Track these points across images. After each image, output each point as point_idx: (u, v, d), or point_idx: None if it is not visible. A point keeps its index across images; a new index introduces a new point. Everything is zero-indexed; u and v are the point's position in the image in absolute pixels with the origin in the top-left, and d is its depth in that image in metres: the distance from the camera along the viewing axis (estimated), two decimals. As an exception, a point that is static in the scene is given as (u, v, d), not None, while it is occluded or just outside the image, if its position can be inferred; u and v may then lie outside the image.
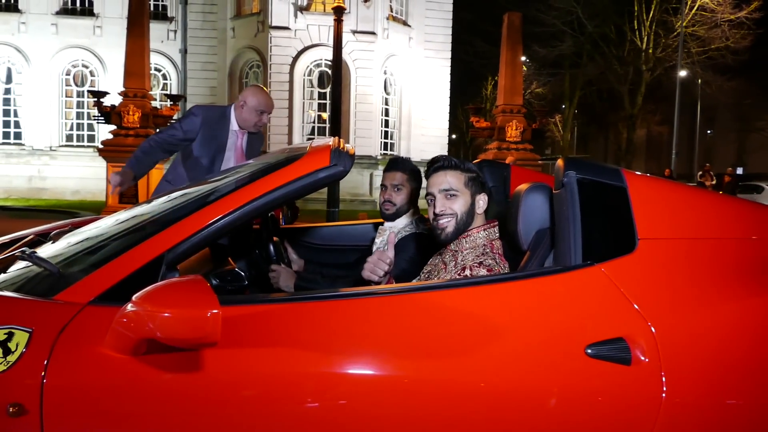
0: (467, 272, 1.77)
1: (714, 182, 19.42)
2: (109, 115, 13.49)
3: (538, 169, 16.50)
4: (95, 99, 13.46)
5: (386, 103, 23.74)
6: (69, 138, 23.57)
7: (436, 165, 1.95)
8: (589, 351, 1.41)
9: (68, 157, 22.72)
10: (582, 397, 1.41)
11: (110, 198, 12.30)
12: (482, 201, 1.92)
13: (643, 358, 1.41)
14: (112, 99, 13.88)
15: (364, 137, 22.42)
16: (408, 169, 2.61)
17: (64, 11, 23.36)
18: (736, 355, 1.45)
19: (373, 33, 22.39)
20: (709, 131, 45.85)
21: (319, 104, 22.69)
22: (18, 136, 23.31)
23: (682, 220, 1.67)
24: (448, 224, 1.89)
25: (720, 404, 1.43)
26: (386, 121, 23.77)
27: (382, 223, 2.73)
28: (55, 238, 2.12)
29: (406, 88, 24.13)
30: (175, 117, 14.05)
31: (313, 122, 22.69)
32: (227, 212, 1.57)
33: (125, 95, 13.52)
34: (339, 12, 11.64)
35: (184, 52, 24.02)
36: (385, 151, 23.42)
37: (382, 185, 2.65)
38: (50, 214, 13.90)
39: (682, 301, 1.50)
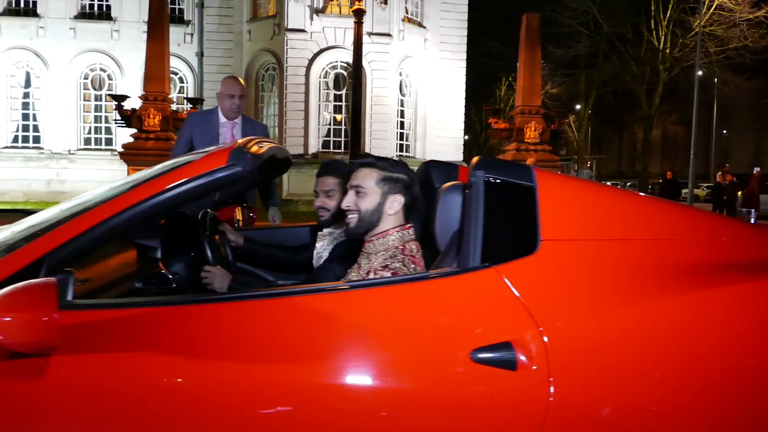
0: (371, 275, 1.73)
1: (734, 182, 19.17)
2: (129, 118, 13.61)
3: (557, 171, 16.43)
4: (116, 103, 13.58)
5: (401, 105, 23.73)
6: (87, 141, 23.77)
7: (356, 161, 1.94)
8: (475, 356, 1.38)
9: (86, 161, 22.92)
10: (465, 402, 1.38)
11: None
12: (396, 202, 1.86)
13: (529, 363, 1.38)
14: (131, 103, 13.99)
15: (379, 139, 22.43)
16: (340, 172, 2.53)
17: (82, 15, 23.58)
18: (631, 358, 1.42)
19: (388, 35, 22.40)
20: (724, 131, 45.48)
21: (334, 106, 22.72)
22: (37, 140, 23.55)
23: (590, 220, 1.63)
24: (351, 220, 1.87)
25: (612, 409, 1.39)
26: (401, 123, 23.76)
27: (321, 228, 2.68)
28: None
29: (421, 90, 24.11)
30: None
31: (329, 124, 22.72)
32: (115, 213, 1.55)
33: (145, 99, 13.63)
34: (359, 14, 11.64)
35: (200, 55, 24.16)
36: (401, 153, 23.41)
37: (315, 191, 2.61)
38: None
39: (579, 304, 1.46)
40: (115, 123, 13.95)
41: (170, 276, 2.08)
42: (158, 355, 1.39)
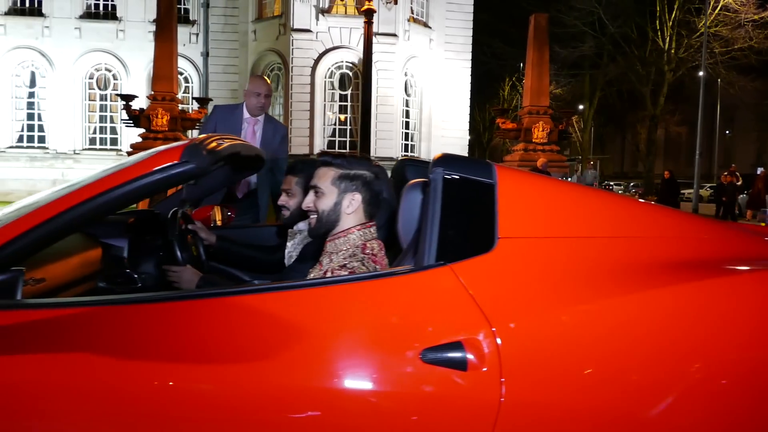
0: (329, 274, 1.70)
1: (740, 183, 19.15)
2: (137, 118, 13.60)
3: (565, 171, 16.43)
4: (124, 102, 13.58)
5: (407, 105, 23.72)
6: (92, 141, 23.77)
7: (317, 160, 1.90)
8: (425, 355, 1.36)
9: (92, 161, 22.90)
10: (415, 403, 1.35)
11: (140, 203, 12.38)
12: (354, 200, 1.81)
13: (480, 363, 1.35)
14: (138, 103, 13.99)
15: (384, 139, 22.41)
16: (299, 171, 2.51)
17: (88, 15, 23.57)
18: (586, 358, 1.39)
19: (394, 35, 22.39)
20: (727, 131, 45.47)
21: (340, 106, 22.71)
22: (42, 139, 23.53)
23: (550, 217, 1.60)
24: (312, 221, 1.85)
25: (565, 410, 1.37)
26: (407, 123, 23.75)
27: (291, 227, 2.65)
28: None
29: (426, 90, 24.10)
30: (202, 120, 14.12)
31: (334, 124, 22.72)
32: (64, 210, 1.52)
33: (153, 98, 13.62)
34: (369, 14, 11.62)
35: (205, 55, 24.15)
36: (406, 153, 23.41)
37: (281, 189, 2.60)
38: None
39: (535, 303, 1.43)
40: (123, 123, 13.92)
41: (136, 275, 2.04)
42: (94, 356, 1.36)
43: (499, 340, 1.37)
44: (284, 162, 4.27)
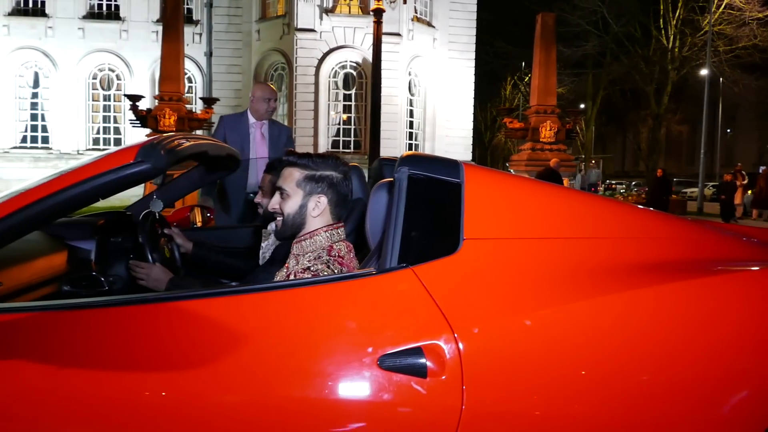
0: (291, 277, 1.66)
1: (746, 182, 19.12)
2: (145, 118, 13.55)
3: (574, 170, 16.40)
4: (130, 103, 13.53)
5: (411, 104, 23.70)
6: (96, 142, 23.75)
7: (283, 160, 1.85)
8: (383, 362, 1.30)
9: (95, 161, 22.86)
10: (373, 410, 1.30)
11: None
12: (320, 203, 1.75)
13: (440, 369, 1.30)
14: (143, 103, 13.95)
15: (389, 138, 22.37)
16: (272, 170, 2.47)
17: (91, 15, 23.53)
18: (550, 364, 1.34)
19: (398, 34, 22.37)
20: (728, 130, 45.45)
21: (344, 106, 22.68)
22: (45, 140, 23.51)
23: (517, 218, 1.54)
24: (278, 223, 1.79)
25: (529, 417, 1.32)
26: (411, 122, 23.72)
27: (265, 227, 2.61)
28: None
29: (430, 90, 24.09)
30: (210, 119, 14.09)
31: (338, 124, 22.69)
32: (12, 212, 1.47)
33: (161, 99, 13.58)
34: (378, 14, 11.60)
35: (209, 55, 24.12)
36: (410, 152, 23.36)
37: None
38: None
39: (499, 307, 1.37)
40: (131, 123, 13.87)
41: (102, 278, 1.99)
42: (34, 363, 1.33)
43: (461, 346, 1.32)
44: None
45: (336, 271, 1.65)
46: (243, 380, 1.31)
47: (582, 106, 33.05)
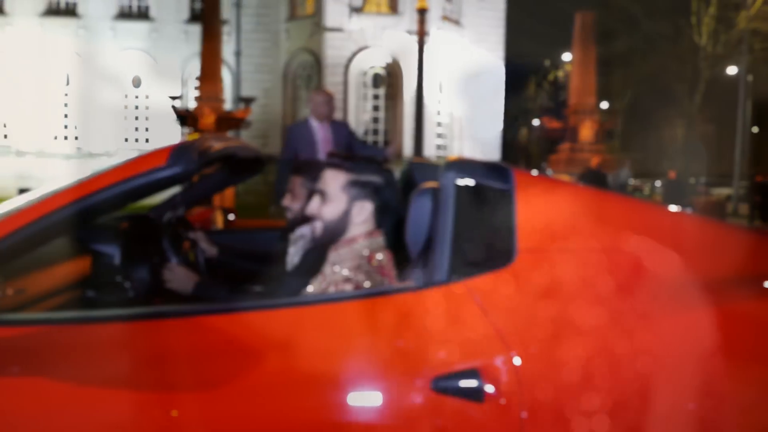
0: (331, 288, 1.56)
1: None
2: (185, 118, 13.55)
3: (614, 171, 16.14)
4: (172, 105, 13.53)
5: (439, 104, 23.56)
6: (126, 141, 23.87)
7: (324, 162, 1.76)
8: (436, 385, 1.20)
9: (126, 160, 23.03)
10: None
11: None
12: (365, 209, 1.66)
13: (498, 393, 1.20)
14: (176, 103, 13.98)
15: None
16: (303, 172, 2.38)
17: (121, 15, 23.67)
18: (618, 386, 1.23)
19: (426, 33, 22.23)
20: (753, 128, 44.78)
21: (373, 105, 22.62)
22: (76, 139, 23.69)
23: (575, 227, 1.42)
24: (316, 228, 1.69)
25: None
26: (438, 122, 23.59)
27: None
28: None
29: (458, 89, 23.94)
30: (247, 119, 14.06)
31: (368, 123, 22.63)
32: (41, 216, 1.40)
33: (200, 98, 13.56)
34: (422, 13, 11.53)
35: (238, 54, 24.09)
36: (439, 153, 23.26)
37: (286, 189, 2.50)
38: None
39: (559, 323, 1.26)
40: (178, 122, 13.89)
41: (126, 284, 1.95)
42: (49, 378, 1.25)
43: (519, 368, 1.22)
44: (364, 147, 4.95)
45: (377, 281, 1.56)
46: (280, 401, 1.22)
47: (605, 104, 32.74)
